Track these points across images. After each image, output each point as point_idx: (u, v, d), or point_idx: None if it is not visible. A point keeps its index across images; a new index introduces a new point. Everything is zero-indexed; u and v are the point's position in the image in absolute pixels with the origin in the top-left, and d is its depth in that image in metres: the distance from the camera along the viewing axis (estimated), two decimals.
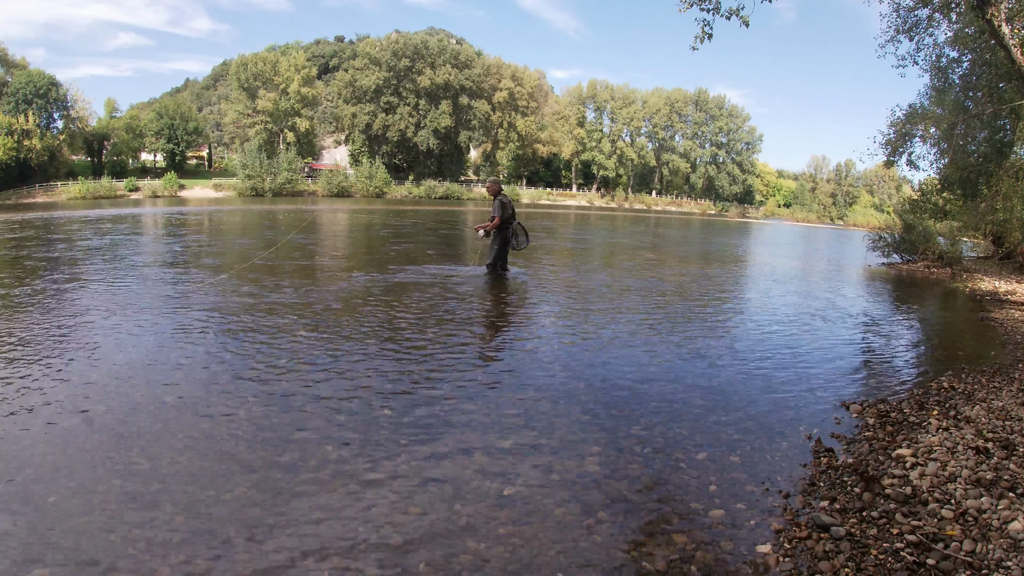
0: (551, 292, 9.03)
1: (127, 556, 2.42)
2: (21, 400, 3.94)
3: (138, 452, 3.28)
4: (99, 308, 6.67)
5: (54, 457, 3.20)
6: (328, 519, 2.74)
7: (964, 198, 17.91)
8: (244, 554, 2.47)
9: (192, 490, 2.92)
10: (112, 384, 4.31)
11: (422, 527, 2.70)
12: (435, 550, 2.54)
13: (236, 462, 3.22)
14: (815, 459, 3.59)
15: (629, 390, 4.68)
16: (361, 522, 2.72)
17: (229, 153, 74.65)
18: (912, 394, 4.95)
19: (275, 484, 3.01)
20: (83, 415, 3.74)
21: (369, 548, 2.54)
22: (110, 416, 3.74)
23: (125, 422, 3.66)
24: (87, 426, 3.59)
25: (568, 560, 2.52)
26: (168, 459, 3.22)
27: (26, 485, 2.91)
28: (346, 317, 6.64)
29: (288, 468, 3.17)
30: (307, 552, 2.49)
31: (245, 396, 4.15)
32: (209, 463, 3.19)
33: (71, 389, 4.18)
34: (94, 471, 3.06)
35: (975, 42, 15.39)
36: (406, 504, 2.88)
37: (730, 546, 2.67)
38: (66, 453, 3.24)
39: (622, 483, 3.20)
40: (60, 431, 3.51)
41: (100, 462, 3.16)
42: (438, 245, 16.00)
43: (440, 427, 3.80)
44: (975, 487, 3.04)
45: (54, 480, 2.96)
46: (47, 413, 3.75)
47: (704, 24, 8.93)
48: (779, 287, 11.74)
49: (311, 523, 2.70)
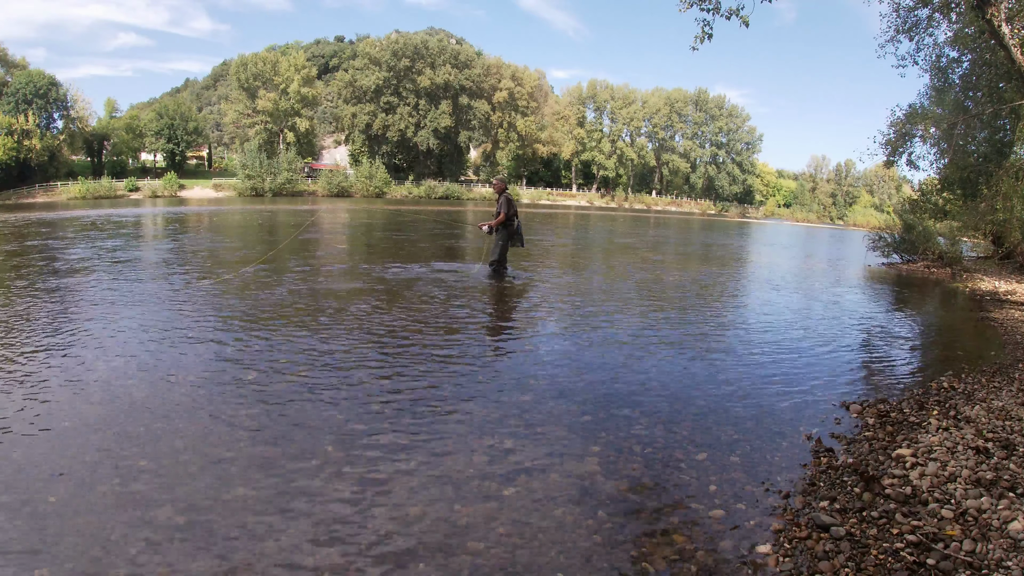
0: (551, 292, 9.03)
1: (127, 556, 2.42)
2: (21, 400, 3.95)
3: (138, 452, 3.28)
4: (99, 308, 6.67)
5: (54, 457, 3.20)
6: (328, 519, 2.74)
7: (964, 198, 17.90)
8: (244, 554, 2.47)
9: (192, 490, 2.92)
10: (112, 384, 4.31)
11: (422, 527, 2.70)
12: (435, 550, 2.54)
13: (235, 462, 3.22)
14: (815, 459, 3.59)
15: (629, 390, 4.68)
16: (361, 522, 2.72)
17: (229, 153, 74.66)
18: (912, 394, 4.95)
19: (275, 484, 3.01)
20: (82, 415, 3.74)
21: (369, 548, 2.54)
22: (110, 416, 3.74)
23: (125, 422, 3.66)
24: (86, 426, 3.59)
25: (568, 560, 2.52)
26: (168, 459, 3.22)
27: (26, 485, 2.91)
28: (345, 316, 6.64)
29: (288, 468, 3.18)
30: (307, 552, 2.49)
31: (245, 396, 4.16)
32: (209, 463, 3.19)
33: (70, 389, 4.18)
34: (94, 471, 3.06)
35: (975, 42, 15.38)
36: (406, 504, 2.88)
37: (730, 546, 2.67)
38: (65, 453, 3.24)
39: (622, 483, 3.20)
40: (60, 431, 3.51)
41: (99, 462, 3.16)
42: (438, 244, 16.00)
43: (440, 427, 3.80)
44: (975, 487, 3.04)
45: (54, 480, 2.96)
46: (47, 413, 3.76)
47: (704, 24, 8.93)
48: (779, 287, 11.74)
49: (311, 523, 2.70)
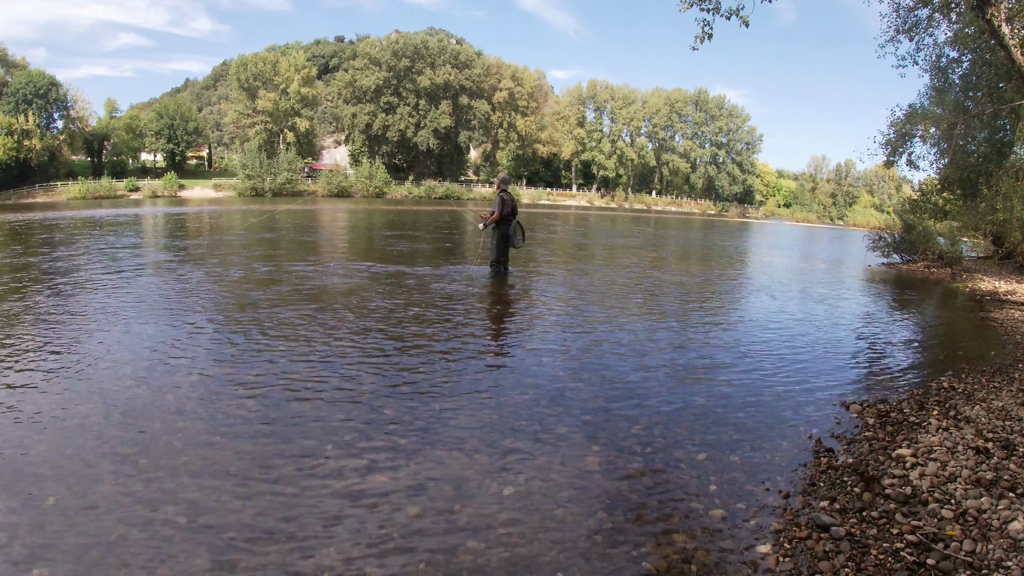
0: (551, 292, 9.03)
1: (127, 556, 2.42)
2: (21, 400, 3.95)
3: (138, 452, 3.28)
4: (98, 308, 6.67)
5: (54, 457, 3.20)
6: (328, 519, 2.74)
7: (964, 198, 17.89)
8: (244, 554, 2.47)
9: (192, 490, 2.92)
10: (111, 384, 4.31)
11: (422, 527, 2.70)
12: (435, 550, 2.54)
13: (236, 462, 3.22)
14: (815, 459, 3.59)
15: (629, 390, 4.68)
16: (361, 522, 2.72)
17: (229, 153, 74.61)
18: (912, 394, 4.95)
19: (275, 484, 3.01)
20: (82, 415, 3.74)
21: (369, 548, 2.54)
22: (109, 416, 3.74)
23: (124, 422, 3.66)
24: (86, 426, 3.59)
25: (568, 560, 2.52)
26: (168, 459, 3.22)
27: (26, 485, 2.91)
28: (345, 317, 6.63)
29: (288, 468, 3.18)
30: (307, 552, 2.50)
31: (244, 396, 4.16)
32: (209, 463, 3.19)
33: (70, 389, 4.18)
34: (93, 471, 3.07)
35: (975, 42, 15.37)
36: (406, 504, 2.88)
37: (730, 546, 2.67)
38: (65, 453, 3.24)
39: (622, 483, 3.20)
40: (59, 431, 3.51)
41: (99, 462, 3.16)
42: (438, 244, 15.99)
43: (440, 427, 3.80)
44: (975, 487, 3.04)
45: (54, 480, 2.96)
46: (46, 413, 3.76)
47: (704, 24, 8.92)
48: (779, 287, 11.73)
49: (311, 523, 2.70)
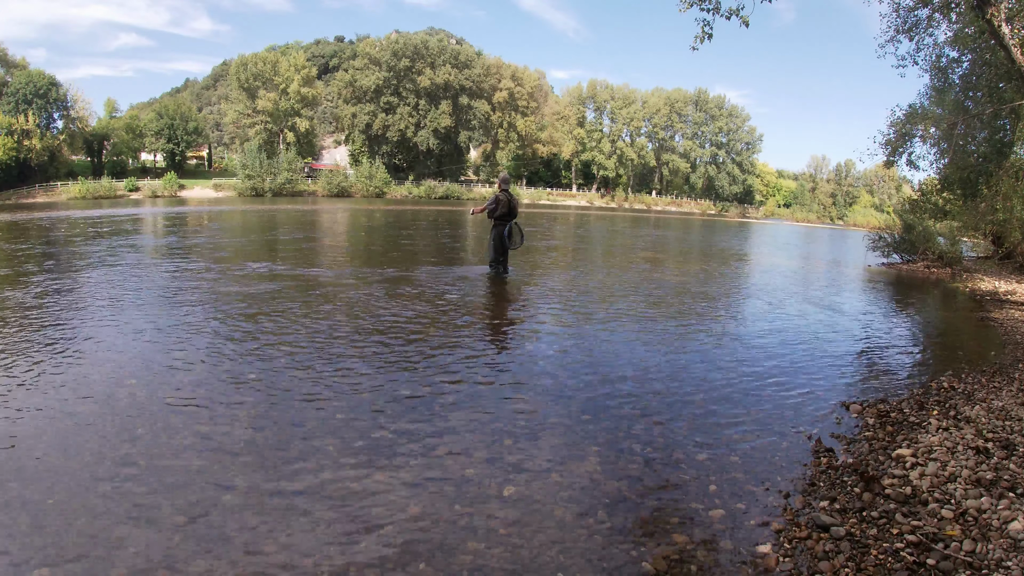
0: (551, 292, 9.02)
1: (127, 556, 2.42)
2: (21, 400, 3.95)
3: (137, 452, 3.28)
4: (98, 307, 6.67)
5: (53, 458, 3.20)
6: (328, 519, 2.74)
7: (964, 198, 17.88)
8: (244, 554, 2.47)
9: (192, 490, 2.92)
10: (111, 384, 4.31)
11: (422, 527, 2.70)
12: (435, 550, 2.54)
13: (235, 462, 3.22)
14: (815, 459, 3.59)
15: (629, 390, 4.68)
16: (361, 522, 2.72)
17: (229, 153, 74.55)
18: (912, 394, 4.95)
19: (275, 484, 3.01)
20: (82, 415, 3.74)
21: (369, 548, 2.54)
22: (109, 416, 3.74)
23: (124, 422, 3.66)
24: (86, 426, 3.59)
25: (568, 560, 2.52)
26: (167, 459, 3.22)
27: (26, 485, 2.91)
28: (344, 317, 6.63)
29: (288, 468, 3.18)
30: (307, 552, 2.49)
31: (244, 397, 4.15)
32: (208, 463, 3.19)
33: (70, 389, 4.18)
34: (93, 471, 3.07)
35: (975, 42, 15.37)
36: (406, 504, 2.88)
37: (730, 546, 2.67)
38: (65, 454, 3.24)
39: (622, 483, 3.20)
40: (59, 431, 3.51)
41: (99, 462, 3.16)
42: (438, 244, 15.99)
43: (440, 427, 3.80)
44: (975, 487, 3.04)
45: (53, 480, 2.96)
46: (46, 413, 3.76)
47: (704, 24, 8.92)
48: (779, 287, 11.73)
49: (311, 523, 2.70)
